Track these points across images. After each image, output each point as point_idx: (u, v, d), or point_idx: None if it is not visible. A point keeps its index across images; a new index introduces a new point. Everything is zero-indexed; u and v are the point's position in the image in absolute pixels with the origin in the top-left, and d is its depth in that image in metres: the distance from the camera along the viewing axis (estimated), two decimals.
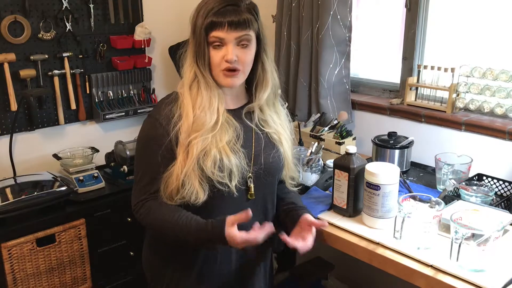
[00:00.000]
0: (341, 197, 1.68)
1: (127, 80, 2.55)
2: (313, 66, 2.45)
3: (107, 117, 2.45)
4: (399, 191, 1.61)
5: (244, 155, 1.38)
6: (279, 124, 1.48)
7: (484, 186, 1.76)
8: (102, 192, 2.19)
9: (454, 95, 2.12)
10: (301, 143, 2.28)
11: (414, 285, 1.42)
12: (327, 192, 1.88)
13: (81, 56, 2.39)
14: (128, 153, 2.23)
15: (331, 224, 1.66)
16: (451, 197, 1.72)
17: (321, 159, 2.01)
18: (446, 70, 2.15)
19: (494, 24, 2.05)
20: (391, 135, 2.13)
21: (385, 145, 2.08)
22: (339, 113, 2.38)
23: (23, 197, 1.95)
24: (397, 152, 2.07)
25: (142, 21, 2.55)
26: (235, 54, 1.31)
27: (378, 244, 1.53)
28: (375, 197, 1.56)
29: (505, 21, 2.01)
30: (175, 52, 2.10)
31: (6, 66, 2.14)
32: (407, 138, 2.11)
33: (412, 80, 2.29)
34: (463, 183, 1.78)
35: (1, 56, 2.13)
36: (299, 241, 1.37)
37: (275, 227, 1.54)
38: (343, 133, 2.28)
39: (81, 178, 2.17)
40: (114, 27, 2.48)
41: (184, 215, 1.33)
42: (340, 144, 2.22)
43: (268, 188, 1.48)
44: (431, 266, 1.40)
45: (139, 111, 2.56)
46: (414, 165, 2.16)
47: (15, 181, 2.12)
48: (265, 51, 1.40)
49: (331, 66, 2.39)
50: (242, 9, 1.31)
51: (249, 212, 1.27)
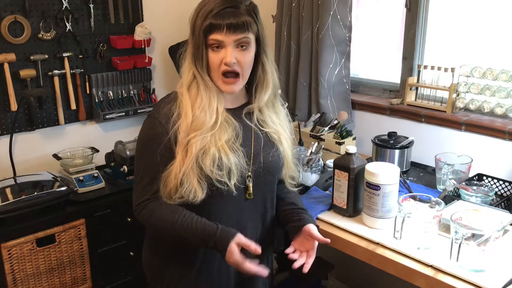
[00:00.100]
0: (341, 197, 1.68)
1: (127, 80, 2.55)
2: (313, 66, 2.44)
3: (107, 117, 2.45)
4: (399, 191, 1.61)
5: (243, 154, 1.38)
6: (278, 124, 1.48)
7: (484, 186, 1.76)
8: (102, 192, 2.19)
9: (454, 95, 2.12)
10: (301, 143, 2.28)
11: (414, 285, 1.42)
12: (327, 192, 1.88)
13: (81, 56, 2.39)
14: (128, 153, 2.23)
15: (331, 224, 1.66)
16: (451, 197, 1.72)
17: (321, 159, 2.01)
18: (446, 70, 2.15)
19: (494, 24, 2.05)
20: (391, 135, 2.13)
21: (385, 145, 2.08)
22: (339, 113, 2.38)
23: (23, 197, 1.95)
24: (397, 152, 2.07)
25: (142, 21, 2.55)
26: (234, 56, 1.31)
27: (378, 244, 1.53)
28: (375, 197, 1.56)
29: (505, 21, 2.01)
30: (175, 52, 2.10)
31: (6, 66, 2.14)
32: (407, 138, 2.11)
33: (412, 80, 2.29)
34: (463, 183, 1.78)
35: (1, 56, 2.13)
36: (303, 258, 1.40)
37: (274, 227, 1.55)
38: (343, 133, 2.28)
39: (81, 178, 2.17)
40: (114, 27, 2.48)
41: (188, 216, 1.33)
42: (340, 144, 2.22)
43: (268, 187, 1.47)
44: (431, 266, 1.40)
45: (139, 111, 2.56)
46: (414, 165, 2.16)
47: (15, 181, 2.12)
48: (265, 52, 1.39)
49: (331, 66, 2.39)
50: (241, 11, 1.30)
51: (258, 249, 1.29)
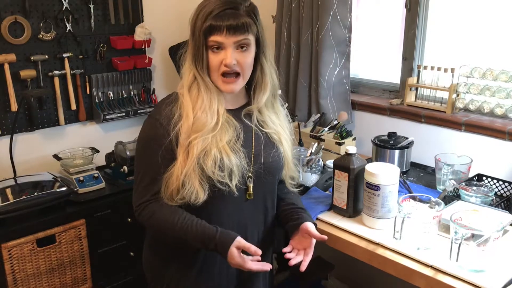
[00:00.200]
0: (341, 198, 1.68)
1: (127, 81, 2.55)
2: (313, 67, 2.45)
3: (107, 117, 2.45)
4: (399, 192, 1.61)
5: (244, 154, 1.38)
6: (278, 124, 1.48)
7: (484, 186, 1.76)
8: (102, 193, 2.19)
9: (454, 96, 2.12)
10: (301, 143, 2.28)
11: (414, 286, 1.42)
12: (327, 192, 1.88)
13: (81, 57, 2.39)
14: (128, 153, 2.23)
15: (331, 225, 1.67)
16: (451, 198, 1.72)
17: (321, 159, 2.01)
18: (446, 70, 2.15)
19: (494, 24, 2.05)
20: (391, 135, 2.13)
21: (385, 146, 2.08)
22: (339, 113, 2.38)
23: (24, 197, 1.95)
24: (397, 152, 2.07)
25: (142, 21, 2.55)
26: (234, 57, 1.31)
27: (378, 244, 1.53)
28: (375, 197, 1.56)
29: (505, 21, 2.01)
30: (175, 52, 2.10)
31: (7, 67, 2.15)
32: (407, 138, 2.12)
33: (412, 80, 2.29)
34: (463, 184, 1.78)
35: (2, 56, 2.13)
36: (300, 255, 1.39)
37: (275, 227, 1.55)
38: (343, 133, 2.28)
39: (81, 178, 2.17)
40: (114, 28, 2.48)
41: (188, 218, 1.34)
42: (340, 144, 2.22)
43: (268, 188, 1.48)
44: (431, 267, 1.40)
45: (139, 111, 2.56)
46: (414, 165, 2.17)
47: (15, 181, 2.12)
48: (264, 53, 1.39)
49: (331, 66, 2.39)
50: (241, 12, 1.30)
51: (259, 251, 1.30)
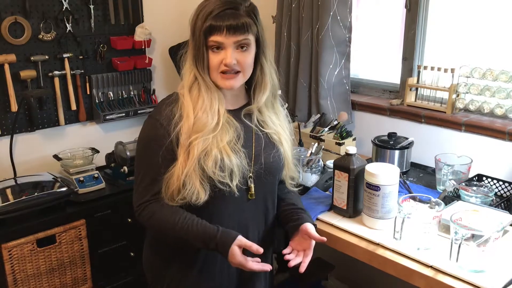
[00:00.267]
0: (341, 198, 1.68)
1: (127, 81, 2.55)
2: (313, 67, 2.45)
3: (107, 117, 2.45)
4: (399, 192, 1.61)
5: (245, 155, 1.38)
6: (278, 124, 1.49)
7: (484, 186, 1.76)
8: (103, 193, 2.19)
9: (454, 96, 2.12)
10: (301, 143, 2.28)
11: (414, 286, 1.42)
12: (327, 192, 1.88)
13: (81, 57, 2.39)
14: (128, 153, 2.23)
15: (331, 225, 1.67)
16: (451, 198, 1.72)
17: (321, 159, 2.01)
18: (446, 70, 2.15)
19: (494, 24, 2.05)
20: (391, 135, 2.13)
21: (385, 146, 2.08)
22: (339, 113, 2.38)
23: (24, 197, 1.95)
24: (397, 152, 2.07)
25: (142, 21, 2.55)
26: (234, 57, 1.31)
27: (378, 244, 1.53)
28: (375, 197, 1.56)
29: (505, 21, 2.01)
30: (176, 53, 2.11)
31: (7, 67, 2.15)
32: (407, 138, 2.12)
33: (412, 80, 2.29)
34: (463, 184, 1.78)
35: (2, 57, 2.14)
36: (300, 257, 1.39)
37: (275, 227, 1.55)
38: (343, 133, 2.28)
39: (81, 178, 2.17)
40: (114, 28, 2.48)
41: (189, 218, 1.34)
42: (340, 144, 2.22)
43: (269, 188, 1.48)
44: (431, 267, 1.40)
45: (139, 111, 2.56)
46: (414, 165, 2.17)
47: (15, 181, 2.12)
48: (264, 53, 1.39)
49: (331, 66, 2.39)
50: (241, 12, 1.30)
51: (260, 250, 1.30)
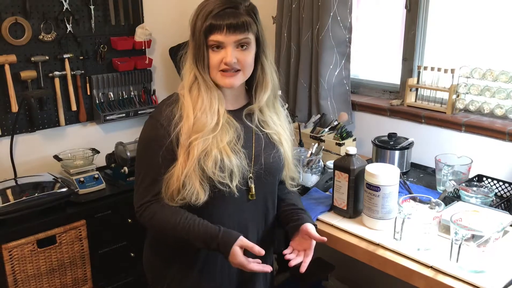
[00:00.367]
0: (341, 198, 1.68)
1: (127, 81, 2.55)
2: (313, 67, 2.45)
3: (107, 118, 2.45)
4: (399, 192, 1.61)
5: (245, 155, 1.38)
6: (279, 125, 1.49)
7: (484, 187, 1.76)
8: (103, 193, 2.20)
9: (454, 96, 2.12)
10: (301, 144, 2.28)
11: (414, 286, 1.42)
12: (327, 193, 1.88)
13: (81, 58, 2.39)
14: (128, 154, 2.23)
15: (331, 225, 1.67)
16: (451, 198, 1.72)
17: (321, 160, 2.01)
18: (446, 71, 2.15)
19: (494, 25, 2.05)
20: (391, 136, 2.13)
21: (385, 146, 2.08)
22: (339, 114, 2.38)
23: (24, 198, 1.95)
24: (397, 153, 2.07)
25: (143, 22, 2.55)
26: (234, 56, 1.31)
27: (378, 245, 1.53)
28: (375, 198, 1.56)
29: (505, 22, 2.01)
30: (176, 53, 2.11)
31: (7, 68, 2.15)
32: (407, 139, 2.12)
33: (412, 81, 2.29)
34: (463, 184, 1.78)
35: (2, 57, 2.14)
36: (300, 257, 1.39)
37: (275, 227, 1.55)
38: (343, 134, 2.28)
39: (81, 179, 2.17)
40: (115, 29, 2.48)
41: (190, 218, 1.34)
42: (340, 145, 2.22)
43: (269, 188, 1.48)
44: (431, 267, 1.40)
45: (139, 112, 2.56)
46: (414, 166, 2.17)
47: (15, 182, 2.12)
48: (264, 52, 1.40)
49: (331, 67, 2.39)
50: (241, 11, 1.31)
51: (262, 251, 1.30)
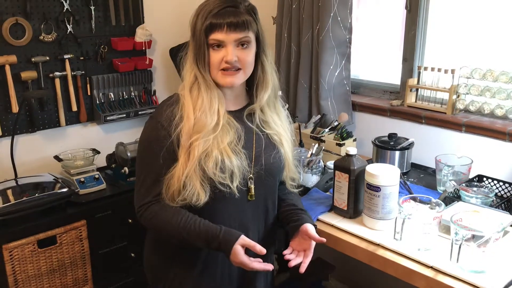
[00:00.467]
0: (341, 199, 1.68)
1: (128, 82, 2.56)
2: (314, 68, 2.45)
3: (108, 118, 2.45)
4: (399, 193, 1.61)
5: (245, 156, 1.38)
6: (279, 125, 1.49)
7: (484, 187, 1.76)
8: (103, 194, 2.20)
9: (454, 97, 2.12)
10: (301, 144, 2.29)
11: (414, 286, 1.42)
12: (327, 193, 1.88)
13: (82, 58, 2.39)
14: (129, 154, 2.24)
15: (332, 226, 1.67)
16: (451, 199, 1.72)
17: (321, 160, 2.01)
18: (446, 71, 2.15)
19: (494, 25, 2.05)
20: (392, 136, 2.14)
21: (385, 147, 2.09)
22: (339, 114, 2.38)
23: (24, 198, 1.95)
24: (397, 153, 2.07)
25: (143, 23, 2.55)
26: (235, 55, 1.32)
27: (378, 245, 1.53)
28: (376, 198, 1.56)
29: (505, 22, 2.01)
30: (176, 53, 2.10)
31: (8, 68, 2.15)
32: (407, 139, 2.12)
33: (413, 81, 2.29)
34: (463, 185, 1.78)
35: (3, 58, 2.14)
36: (300, 257, 1.40)
37: (275, 227, 1.55)
38: (343, 134, 2.28)
39: (82, 179, 2.17)
40: (115, 29, 2.48)
41: (191, 218, 1.34)
42: (340, 145, 2.22)
43: (269, 189, 1.48)
44: (431, 267, 1.40)
45: (140, 112, 2.56)
46: (415, 166, 2.17)
47: (16, 182, 2.12)
48: (264, 52, 1.40)
49: (331, 67, 2.39)
50: (241, 10, 1.31)
51: (263, 250, 1.30)
